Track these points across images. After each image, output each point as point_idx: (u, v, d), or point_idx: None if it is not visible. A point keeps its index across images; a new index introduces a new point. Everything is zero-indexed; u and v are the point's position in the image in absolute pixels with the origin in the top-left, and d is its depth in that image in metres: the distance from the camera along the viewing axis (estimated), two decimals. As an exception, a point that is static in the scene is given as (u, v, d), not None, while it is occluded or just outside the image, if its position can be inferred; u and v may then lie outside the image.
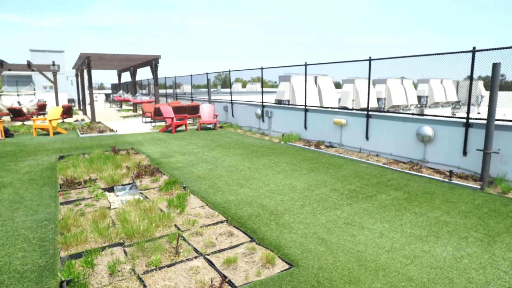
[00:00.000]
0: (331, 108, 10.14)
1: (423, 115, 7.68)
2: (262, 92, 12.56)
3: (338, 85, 16.11)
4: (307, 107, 10.63)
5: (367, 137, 8.74)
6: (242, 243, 3.87)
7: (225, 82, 18.26)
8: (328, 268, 3.35)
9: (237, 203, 5.21)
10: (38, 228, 4.31)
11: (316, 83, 14.26)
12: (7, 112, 16.69)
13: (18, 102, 23.42)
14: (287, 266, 3.40)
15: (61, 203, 5.18)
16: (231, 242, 3.94)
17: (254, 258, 3.54)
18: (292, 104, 12.56)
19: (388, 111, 9.64)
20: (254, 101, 13.58)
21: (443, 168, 7.08)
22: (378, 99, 16.55)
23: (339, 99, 15.23)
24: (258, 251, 3.67)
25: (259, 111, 12.68)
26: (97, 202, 5.19)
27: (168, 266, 3.39)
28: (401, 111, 16.16)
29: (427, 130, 7.28)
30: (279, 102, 13.78)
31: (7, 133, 12.40)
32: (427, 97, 17.73)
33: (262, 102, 12.52)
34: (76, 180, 6.24)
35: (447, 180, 6.32)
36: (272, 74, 13.20)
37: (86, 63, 16.06)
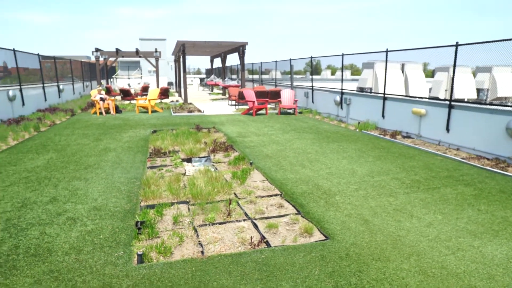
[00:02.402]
0: (410, 97, 9.69)
1: (513, 107, 6.95)
2: (342, 79, 12.49)
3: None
4: (385, 95, 10.33)
5: (447, 129, 8.23)
6: (288, 214, 4.29)
7: (316, 69, 18.36)
8: (360, 245, 3.58)
9: (295, 181, 5.61)
10: (128, 183, 5.36)
11: (403, 71, 13.55)
12: (119, 92, 19.47)
13: (128, 84, 26.94)
14: (323, 238, 3.72)
15: (148, 167, 6.24)
16: (279, 212, 4.39)
17: (294, 227, 3.95)
18: (373, 92, 12.24)
19: (491, 104, 8.78)
20: (333, 88, 13.56)
21: (530, 167, 6.40)
22: (479, 90, 14.95)
23: (430, 89, 14.22)
24: (300, 222, 4.05)
25: (338, 98, 12.66)
26: (175, 169, 6.10)
27: (220, 223, 4.01)
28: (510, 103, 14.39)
29: (516, 124, 6.61)
30: (361, 89, 13.51)
31: (117, 109, 14.65)
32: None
33: (342, 89, 12.46)
34: (162, 150, 7.34)
35: (530, 179, 5.75)
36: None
37: (181, 50, 17.77)
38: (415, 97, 9.68)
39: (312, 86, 15.10)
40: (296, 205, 4.62)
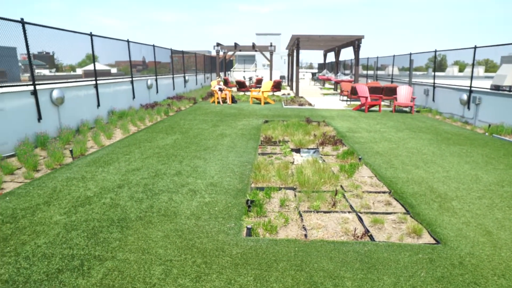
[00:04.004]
0: None
1: None
2: (472, 76, 11.07)
3: None
4: (529, 96, 8.81)
5: None
6: (395, 212, 4.12)
7: (440, 65, 16.62)
8: (479, 256, 3.24)
9: (406, 180, 5.30)
10: (241, 166, 5.83)
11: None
12: (235, 84, 20.89)
13: (244, 77, 28.61)
14: (432, 241, 3.49)
15: (259, 153, 6.66)
16: (386, 209, 4.25)
17: (401, 226, 3.78)
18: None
19: None
20: (460, 85, 12.12)
21: None
22: None
23: None
24: (408, 222, 3.86)
25: (464, 96, 11.30)
26: (284, 158, 6.37)
27: (324, 212, 4.09)
28: None
29: None
30: (496, 87, 11.76)
31: (233, 100, 15.79)
32: None
33: (470, 86, 11.07)
34: (272, 139, 7.71)
35: None
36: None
37: (295, 44, 18.06)
38: None
39: (434, 83, 13.75)
40: (405, 204, 4.39)
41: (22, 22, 6.82)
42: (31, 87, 7.16)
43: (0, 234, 3.50)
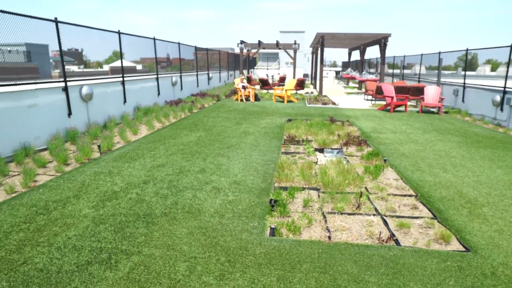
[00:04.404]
0: None
1: None
2: (506, 75, 10.61)
3: None
4: None
5: None
6: (422, 217, 4.01)
7: (471, 64, 15.98)
8: (512, 264, 3.12)
9: (433, 184, 5.15)
10: (264, 165, 5.83)
11: None
12: (258, 82, 20.89)
13: (267, 75, 28.57)
14: (462, 249, 3.37)
15: (282, 152, 6.63)
16: (412, 213, 4.14)
17: (429, 232, 3.68)
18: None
19: None
20: (492, 86, 11.65)
21: None
22: None
23: None
24: (435, 228, 3.75)
25: (497, 97, 10.84)
26: (307, 157, 6.33)
27: (349, 214, 4.03)
28: None
29: None
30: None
31: (256, 97, 15.80)
32: None
33: (505, 87, 10.61)
34: (296, 138, 7.66)
35: None
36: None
37: (320, 42, 17.86)
38: None
39: (464, 83, 13.28)
40: (432, 209, 4.27)
41: (56, 21, 7.06)
42: (63, 84, 7.41)
43: (34, 225, 3.65)
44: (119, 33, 9.74)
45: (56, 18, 7.06)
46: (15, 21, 5.98)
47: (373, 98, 16.08)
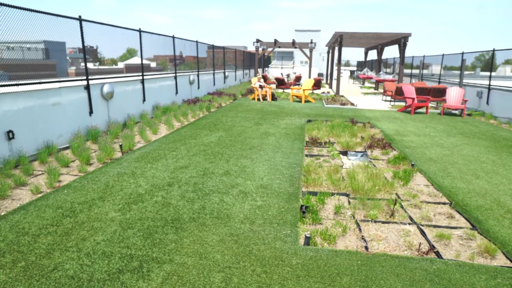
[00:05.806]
0: None
1: None
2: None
3: None
4: None
5: None
6: (461, 227, 3.82)
7: (489, 64, 15.48)
8: None
9: (467, 191, 4.94)
10: (289, 168, 5.69)
11: None
12: (274, 81, 20.71)
13: (281, 74, 28.35)
14: (509, 264, 3.18)
15: (306, 155, 6.48)
16: (449, 223, 3.95)
17: (471, 244, 3.49)
18: None
19: None
20: (520, 88, 11.25)
21: None
22: None
23: None
24: (477, 239, 3.56)
25: (525, 100, 10.46)
26: (332, 160, 6.16)
27: (383, 222, 3.86)
28: None
29: None
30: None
31: (273, 97, 15.64)
32: None
33: (533, 90, 10.22)
34: (318, 140, 7.50)
35: None
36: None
37: (338, 41, 17.58)
38: None
39: (489, 85, 12.88)
40: (470, 218, 4.07)
41: (80, 19, 7.04)
42: (85, 82, 7.40)
43: (62, 228, 3.59)
44: (139, 31, 9.71)
45: (80, 16, 7.03)
46: (40, 19, 5.97)
47: (392, 99, 15.75)
